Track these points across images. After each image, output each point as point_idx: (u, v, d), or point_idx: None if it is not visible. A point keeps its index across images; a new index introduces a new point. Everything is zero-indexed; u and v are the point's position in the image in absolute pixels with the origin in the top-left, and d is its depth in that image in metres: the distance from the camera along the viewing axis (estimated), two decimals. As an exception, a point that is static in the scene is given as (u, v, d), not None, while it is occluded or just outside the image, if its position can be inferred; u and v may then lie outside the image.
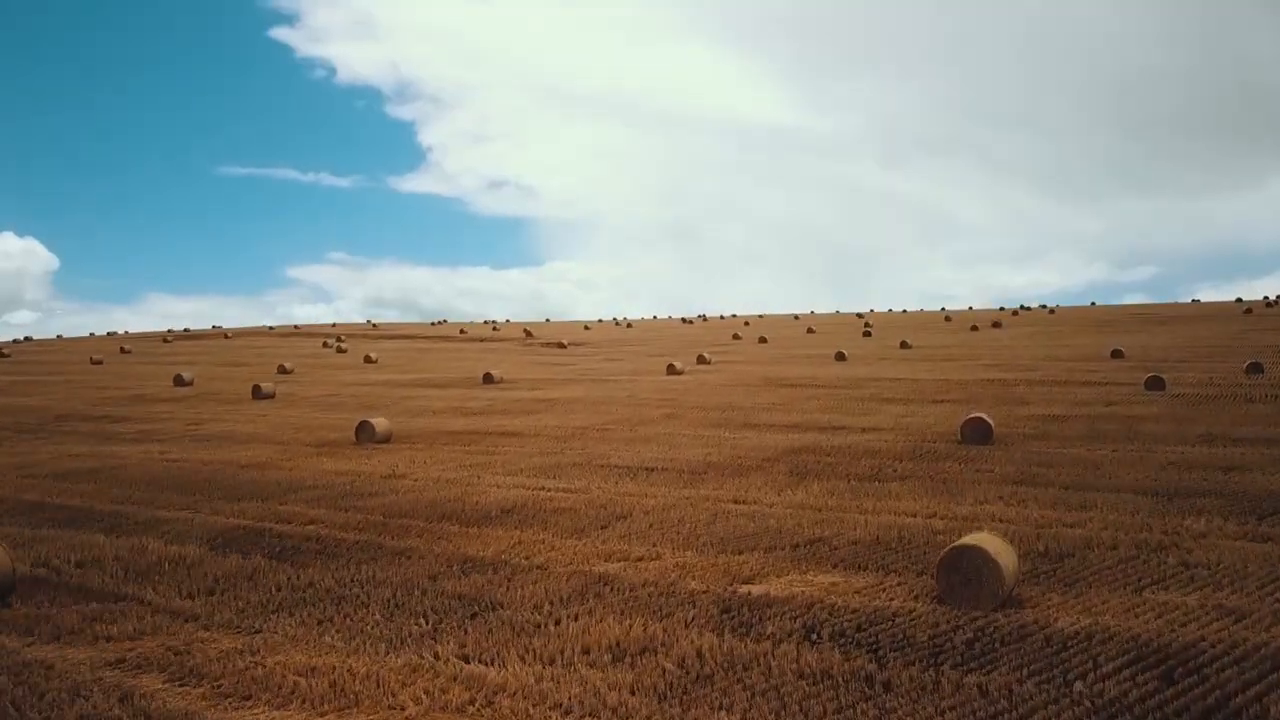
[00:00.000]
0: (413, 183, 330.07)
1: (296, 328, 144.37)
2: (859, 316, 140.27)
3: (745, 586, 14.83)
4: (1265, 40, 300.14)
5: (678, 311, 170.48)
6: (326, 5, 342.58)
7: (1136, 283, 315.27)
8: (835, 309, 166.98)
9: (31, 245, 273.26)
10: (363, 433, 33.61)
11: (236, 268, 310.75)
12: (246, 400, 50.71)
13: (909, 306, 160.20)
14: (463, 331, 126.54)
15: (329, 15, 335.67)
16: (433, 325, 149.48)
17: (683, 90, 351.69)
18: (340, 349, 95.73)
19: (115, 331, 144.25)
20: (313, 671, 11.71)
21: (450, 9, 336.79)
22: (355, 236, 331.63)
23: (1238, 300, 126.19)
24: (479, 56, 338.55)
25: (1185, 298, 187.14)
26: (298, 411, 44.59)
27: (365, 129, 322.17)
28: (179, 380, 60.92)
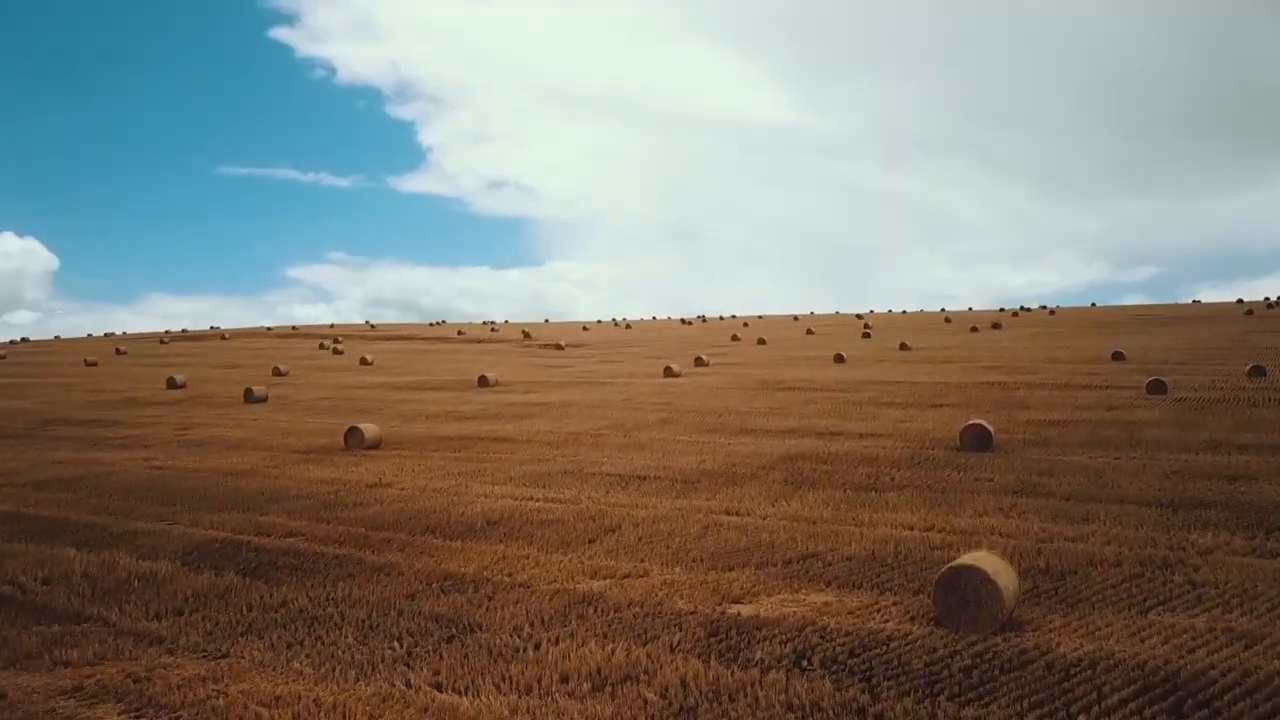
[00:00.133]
0: (413, 183, 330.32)
1: (294, 329, 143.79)
2: (858, 317, 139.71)
3: (735, 606, 14.26)
4: (1265, 40, 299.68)
5: (677, 312, 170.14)
6: (326, 5, 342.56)
7: (1136, 283, 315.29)
8: (835, 309, 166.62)
9: (31, 245, 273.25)
10: (352, 439, 33.03)
11: (236, 268, 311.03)
12: (238, 404, 50.14)
13: (909, 307, 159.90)
14: (460, 333, 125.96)
15: (329, 15, 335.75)
16: (431, 326, 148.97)
17: (683, 90, 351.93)
18: (337, 351, 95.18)
19: (113, 332, 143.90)
20: (277, 701, 11.16)
21: (450, 9, 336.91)
22: (355, 236, 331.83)
23: (1239, 301, 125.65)
24: (479, 56, 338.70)
25: (1185, 298, 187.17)
26: (289, 416, 44.00)
27: (365, 129, 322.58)
28: (171, 383, 60.40)
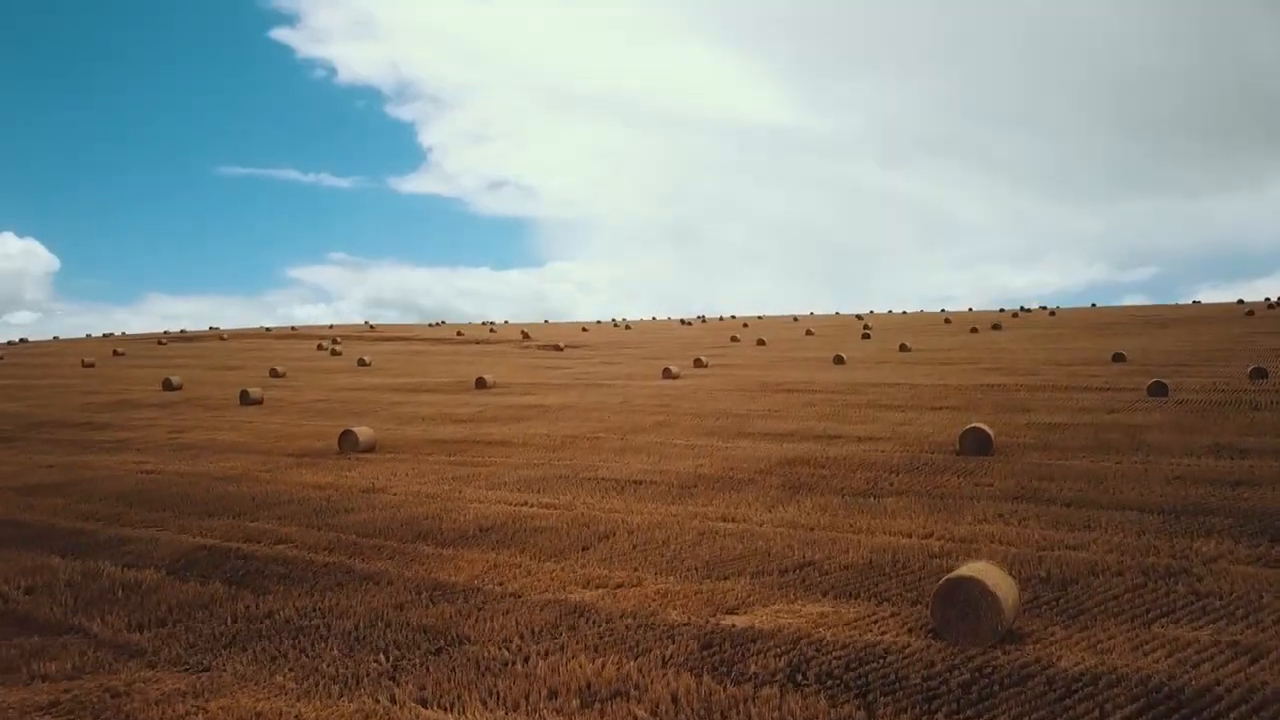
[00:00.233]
0: (413, 183, 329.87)
1: (293, 329, 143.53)
2: (858, 318, 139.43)
3: (729, 618, 13.97)
4: (1265, 41, 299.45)
5: (677, 312, 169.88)
6: (327, 6, 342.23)
7: (1137, 283, 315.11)
8: (835, 310, 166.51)
9: (32, 246, 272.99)
10: (346, 442, 32.73)
11: (237, 268, 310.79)
12: (234, 406, 49.82)
13: (909, 307, 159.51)
14: (459, 334, 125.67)
15: (329, 16, 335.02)
16: (430, 327, 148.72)
17: (683, 90, 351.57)
18: (335, 352, 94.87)
19: (112, 333, 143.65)
20: (257, 718, 10.86)
21: (450, 9, 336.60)
22: (355, 237, 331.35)
23: (1239, 302, 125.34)
24: (479, 57, 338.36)
25: (1185, 298, 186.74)
26: (284, 418, 43.71)
27: (365, 129, 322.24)
28: (167, 385, 60.09)
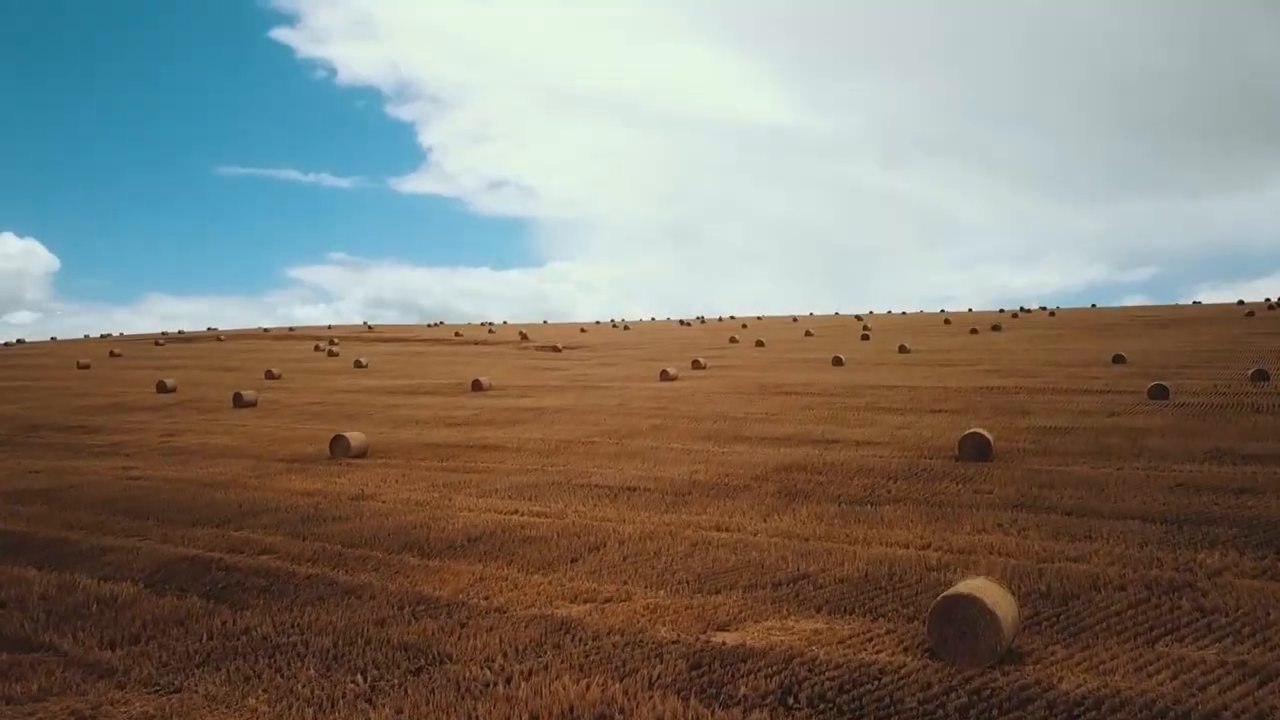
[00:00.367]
0: (413, 183, 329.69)
1: (291, 330, 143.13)
2: (858, 318, 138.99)
3: (720, 635, 13.55)
4: (1265, 41, 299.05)
5: (677, 312, 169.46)
6: (327, 6, 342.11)
7: (1137, 283, 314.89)
8: (834, 310, 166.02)
9: (32, 246, 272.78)
10: (337, 447, 32.30)
11: (237, 268, 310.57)
12: (227, 408, 49.39)
13: (909, 308, 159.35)
14: (458, 334, 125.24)
15: (329, 16, 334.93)
16: (429, 327, 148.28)
17: (683, 90, 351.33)
18: (332, 353, 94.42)
19: (110, 334, 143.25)
20: (226, 744, 10.46)
21: (450, 9, 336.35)
22: (355, 237, 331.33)
23: (1239, 302, 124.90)
24: (479, 57, 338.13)
25: (1186, 299, 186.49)
26: (276, 422, 43.28)
27: (366, 129, 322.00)
28: (162, 387, 59.66)
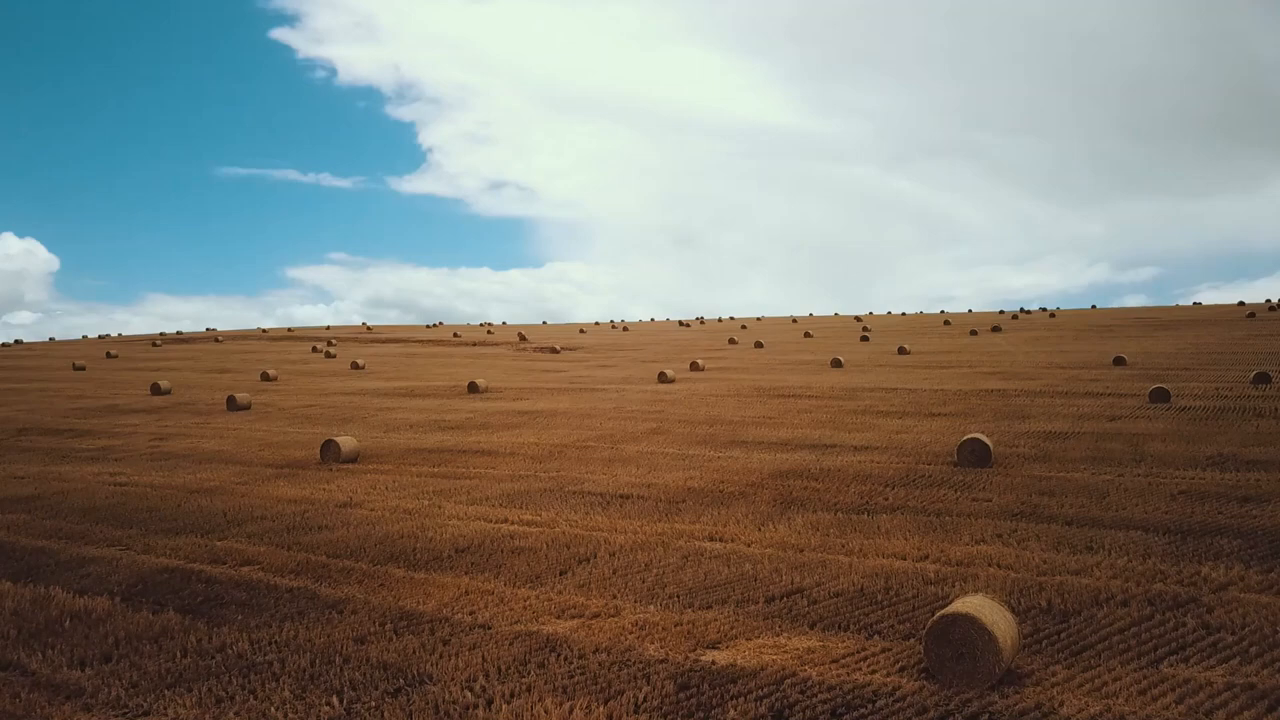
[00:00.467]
0: (413, 184, 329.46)
1: (290, 331, 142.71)
2: (857, 319, 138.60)
3: (709, 654, 13.11)
4: (1265, 42, 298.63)
5: (677, 315, 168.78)
6: (328, 6, 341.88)
7: (1137, 284, 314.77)
8: (834, 311, 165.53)
9: (32, 246, 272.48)
10: (328, 452, 31.87)
11: (237, 269, 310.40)
12: (220, 411, 48.96)
13: (908, 309, 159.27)
14: (456, 335, 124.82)
15: (330, 17, 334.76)
16: (427, 328, 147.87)
17: (685, 94, 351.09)
18: (329, 354, 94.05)
19: (108, 334, 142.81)
20: (192, 773, 10.02)
21: (451, 11, 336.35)
22: (355, 237, 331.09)
23: (1240, 303, 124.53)
24: (480, 58, 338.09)
25: (1186, 299, 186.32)
26: (269, 425, 42.85)
27: (366, 130, 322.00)
28: (156, 389, 59.29)
